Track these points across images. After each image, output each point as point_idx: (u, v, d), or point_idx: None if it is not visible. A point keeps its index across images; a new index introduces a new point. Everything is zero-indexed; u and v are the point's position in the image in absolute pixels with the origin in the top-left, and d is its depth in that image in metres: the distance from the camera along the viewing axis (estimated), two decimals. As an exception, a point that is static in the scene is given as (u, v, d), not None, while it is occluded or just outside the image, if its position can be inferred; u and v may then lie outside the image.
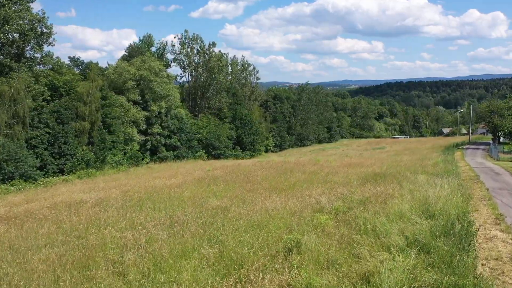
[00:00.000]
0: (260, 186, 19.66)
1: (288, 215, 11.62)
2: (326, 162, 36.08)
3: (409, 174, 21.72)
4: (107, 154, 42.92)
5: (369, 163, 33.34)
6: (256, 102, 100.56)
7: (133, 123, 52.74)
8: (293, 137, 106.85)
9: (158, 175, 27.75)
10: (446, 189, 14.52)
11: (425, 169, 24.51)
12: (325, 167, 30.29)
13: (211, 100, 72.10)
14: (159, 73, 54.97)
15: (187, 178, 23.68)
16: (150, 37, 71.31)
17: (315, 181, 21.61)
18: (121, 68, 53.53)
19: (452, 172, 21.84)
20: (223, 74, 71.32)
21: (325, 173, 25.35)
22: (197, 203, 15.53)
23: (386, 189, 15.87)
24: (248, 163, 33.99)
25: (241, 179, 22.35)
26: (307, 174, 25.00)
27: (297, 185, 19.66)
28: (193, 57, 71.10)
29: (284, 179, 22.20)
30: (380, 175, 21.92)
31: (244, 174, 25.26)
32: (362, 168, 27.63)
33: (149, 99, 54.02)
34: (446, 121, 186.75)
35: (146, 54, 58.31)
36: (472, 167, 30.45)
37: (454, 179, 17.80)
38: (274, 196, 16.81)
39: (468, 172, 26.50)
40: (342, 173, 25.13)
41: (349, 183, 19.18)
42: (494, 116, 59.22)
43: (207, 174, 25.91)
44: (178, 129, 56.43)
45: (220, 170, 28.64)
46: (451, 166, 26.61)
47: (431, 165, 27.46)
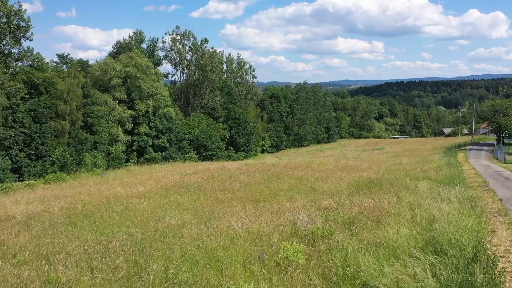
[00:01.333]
0: (237, 195, 17.01)
1: (251, 243, 8.92)
2: (320, 164, 33.39)
3: (409, 180, 19.02)
4: (85, 156, 40.19)
5: (365, 166, 30.67)
6: (252, 101, 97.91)
7: (119, 123, 50.07)
8: (291, 137, 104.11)
9: (129, 180, 25.09)
10: (454, 203, 11.82)
11: (426, 174, 21.81)
12: (317, 170, 27.61)
13: (203, 99, 69.37)
14: (146, 71, 52.26)
15: (158, 184, 21.01)
16: (140, 34, 68.51)
17: (302, 188, 18.93)
18: (106, 65, 50.84)
19: (458, 179, 19.13)
20: (216, 72, 68.49)
21: (315, 178, 22.67)
22: (153, 219, 12.86)
23: (380, 201, 13.18)
24: (234, 166, 31.31)
25: (218, 186, 19.69)
26: (294, 180, 22.32)
27: (279, 194, 16.98)
28: (185, 54, 68.37)
29: (266, 186, 19.52)
30: (376, 181, 19.22)
31: (225, 179, 22.59)
32: (357, 173, 24.93)
33: (135, 97, 51.35)
34: (447, 121, 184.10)
35: (134, 50, 55.61)
36: (479, 171, 27.75)
37: (462, 189, 15.10)
38: (249, 208, 14.16)
39: (474, 177, 23.78)
40: (334, 178, 22.44)
41: (339, 193, 16.49)
42: (499, 116, 56.48)
43: (183, 179, 23.23)
44: (166, 129, 53.72)
45: (200, 174, 25.95)
46: (455, 170, 23.90)
47: (433, 169, 24.75)
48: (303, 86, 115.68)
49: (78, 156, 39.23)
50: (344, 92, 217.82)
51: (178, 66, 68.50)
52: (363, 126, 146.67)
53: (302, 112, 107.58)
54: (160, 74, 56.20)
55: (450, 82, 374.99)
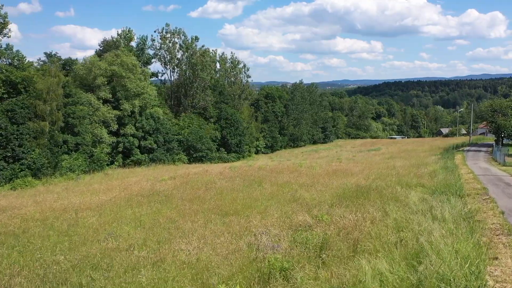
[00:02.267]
0: (205, 205, 15.14)
1: (190, 279, 7.04)
2: (309, 168, 31.57)
3: (400, 189, 17.18)
4: (62, 158, 38.18)
5: (356, 170, 28.85)
6: (246, 101, 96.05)
7: (103, 124, 48.10)
8: (286, 137, 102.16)
9: (99, 186, 23.18)
10: (448, 221, 9.98)
11: (420, 180, 19.97)
12: (304, 175, 25.78)
13: (195, 98, 67.38)
14: (132, 69, 50.29)
15: (123, 193, 19.12)
16: (129, 32, 66.49)
17: (281, 197, 17.09)
18: (91, 64, 48.87)
19: (454, 186, 17.30)
20: (207, 70, 66.50)
21: (299, 185, 20.83)
22: (97, 238, 10.98)
23: (364, 217, 11.35)
24: (217, 170, 29.44)
25: (189, 195, 17.83)
26: (276, 187, 20.47)
27: (254, 206, 15.14)
28: (175, 53, 66.36)
29: (242, 195, 17.67)
30: (364, 189, 17.39)
31: (200, 186, 20.72)
32: (346, 178, 23.10)
33: (121, 97, 49.37)
34: (445, 121, 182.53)
35: (120, 48, 53.62)
36: (477, 175, 25.93)
37: (458, 201, 13.27)
38: (213, 224, 12.31)
39: (473, 183, 21.95)
40: (320, 185, 20.61)
41: (320, 204, 14.65)
42: (498, 116, 54.71)
43: (155, 185, 21.35)
44: (154, 130, 51.75)
45: (178, 179, 24.04)
46: (452, 176, 22.06)
47: (428, 174, 22.92)
48: (299, 86, 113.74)
49: (54, 159, 37.24)
50: (342, 92, 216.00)
51: (168, 64, 66.51)
52: (360, 126, 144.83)
53: (297, 112, 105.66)
54: (148, 73, 54.18)
55: (448, 81, 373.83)
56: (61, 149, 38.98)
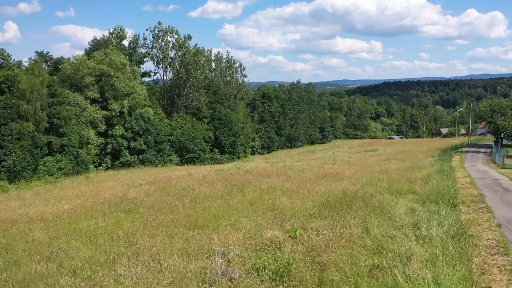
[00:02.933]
0: (174, 216, 13.81)
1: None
2: (299, 171, 30.21)
3: (388, 196, 15.84)
4: (42, 161, 36.81)
5: (348, 173, 27.49)
6: (242, 101, 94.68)
7: (91, 124, 46.77)
8: (283, 138, 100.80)
9: (70, 192, 21.81)
10: (435, 240, 8.63)
11: (412, 186, 18.60)
12: (291, 179, 24.42)
13: (188, 98, 66.02)
14: (122, 68, 48.93)
15: (91, 200, 17.78)
16: (121, 30, 65.11)
17: (260, 206, 15.76)
18: (78, 62, 47.53)
19: (448, 194, 15.95)
20: (200, 70, 65.12)
21: (283, 190, 19.48)
22: (35, 258, 9.64)
23: (341, 232, 10.01)
24: (201, 174, 28.11)
25: (160, 203, 16.49)
26: (258, 193, 19.11)
27: (226, 216, 13.81)
28: (168, 51, 64.99)
29: (218, 204, 16.33)
30: (350, 197, 16.03)
31: (177, 192, 19.38)
32: (335, 183, 21.74)
33: (109, 97, 48.02)
34: (445, 120, 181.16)
35: (109, 47, 52.26)
36: (474, 179, 24.58)
37: (450, 213, 11.93)
38: (172, 240, 10.98)
39: (469, 189, 20.59)
40: (306, 190, 19.26)
41: (298, 214, 13.32)
42: (497, 116, 53.31)
43: (128, 192, 20.00)
44: (144, 131, 50.38)
45: (157, 184, 22.69)
46: (447, 181, 20.71)
47: (421, 179, 21.55)
48: (296, 86, 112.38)
49: (34, 162, 35.88)
50: (341, 92, 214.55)
51: (160, 64, 65.13)
52: (359, 126, 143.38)
53: (294, 112, 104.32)
54: (138, 72, 52.79)
55: (448, 81, 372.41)
56: (42, 151, 37.61)
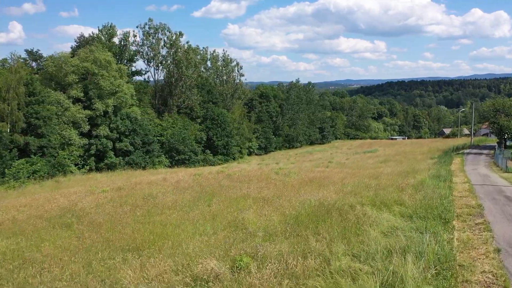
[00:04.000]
0: (108, 235, 11.64)
1: None
2: (285, 175, 28.00)
3: (370, 209, 13.61)
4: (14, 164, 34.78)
5: (337, 178, 25.26)
6: (239, 100, 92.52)
7: (73, 124, 44.75)
8: (281, 138, 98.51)
9: (22, 201, 19.69)
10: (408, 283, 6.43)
11: (401, 196, 16.34)
12: (273, 185, 22.21)
13: (180, 98, 63.94)
14: (106, 66, 46.87)
15: (28, 212, 15.67)
16: (112, 28, 63.07)
17: (221, 220, 13.60)
18: (61, 60, 45.53)
19: (440, 207, 13.71)
20: (192, 68, 62.99)
21: (255, 200, 17.30)
22: None
23: (291, 267, 7.81)
24: (176, 179, 25.98)
25: (108, 215, 14.36)
26: (227, 203, 16.94)
27: (174, 235, 11.64)
28: (159, 49, 62.90)
29: (175, 216, 14.19)
30: (326, 210, 13.83)
31: (136, 201, 17.22)
32: (318, 190, 19.51)
33: (93, 96, 45.97)
34: (448, 121, 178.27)
35: (94, 44, 50.22)
36: (473, 186, 22.29)
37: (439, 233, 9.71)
38: (84, 271, 8.81)
39: (467, 198, 18.31)
40: (281, 200, 17.07)
41: (258, 233, 11.14)
42: (500, 116, 50.86)
43: (82, 200, 17.87)
44: (130, 131, 48.29)
45: (121, 191, 20.55)
46: (442, 188, 18.45)
47: (414, 186, 19.28)
48: (295, 85, 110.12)
49: (2, 165, 33.83)
50: (343, 92, 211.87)
51: (151, 62, 63.03)
52: (359, 127, 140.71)
53: (293, 112, 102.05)
54: (124, 70, 50.68)
55: (451, 81, 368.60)
56: (11, 153, 35.58)
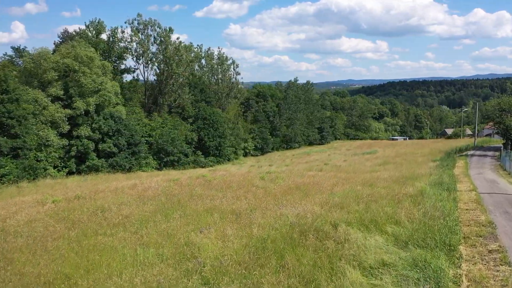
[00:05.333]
0: (11, 267, 8.98)
1: None
2: (271, 181, 25.35)
3: (356, 232, 10.93)
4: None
5: (327, 185, 22.61)
6: (235, 100, 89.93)
7: (53, 124, 42.16)
8: (278, 139, 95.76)
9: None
10: None
11: (397, 211, 13.63)
12: (251, 194, 19.55)
13: (170, 96, 61.31)
14: (88, 63, 44.26)
15: None
16: (100, 23, 60.45)
17: (173, 244, 10.95)
18: (39, 56, 42.95)
19: (443, 230, 11.02)
20: (183, 65, 60.33)
21: (223, 214, 14.63)
22: None
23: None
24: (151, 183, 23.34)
25: (28, 238, 11.70)
26: (189, 218, 14.27)
27: (106, 262, 8.96)
28: (149, 46, 60.24)
29: (113, 240, 11.52)
30: (300, 232, 11.16)
31: (77, 217, 14.56)
32: (301, 201, 16.86)
33: (74, 94, 43.38)
34: (450, 121, 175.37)
35: (76, 39, 47.61)
36: (481, 194, 19.58)
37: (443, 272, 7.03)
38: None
39: (474, 211, 15.60)
40: (257, 213, 14.41)
41: (213, 261, 8.44)
42: (506, 116, 48.10)
43: (17, 215, 15.25)
44: (114, 131, 45.67)
45: (80, 200, 17.91)
46: (445, 201, 15.76)
47: (412, 196, 16.58)
48: (293, 84, 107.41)
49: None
50: (344, 91, 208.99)
51: (140, 59, 60.37)
52: (360, 127, 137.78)
53: (290, 111, 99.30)
54: (108, 67, 47.97)
55: (454, 81, 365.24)
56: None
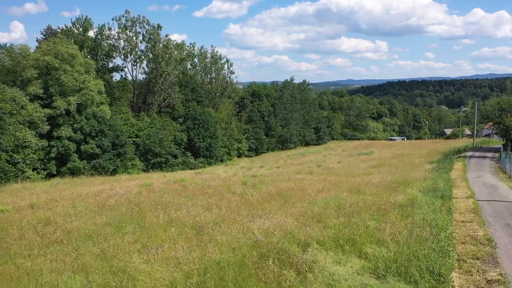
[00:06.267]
0: None
1: None
2: (254, 185, 23.45)
3: (327, 256, 9.02)
4: None
5: (311, 191, 20.72)
6: (229, 99, 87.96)
7: (31, 125, 40.23)
8: (273, 139, 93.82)
9: None
10: None
11: (380, 225, 11.74)
12: (225, 202, 17.66)
13: (160, 96, 59.37)
14: (70, 60, 42.31)
15: None
16: (86, 20, 58.45)
17: (105, 271, 9.03)
18: (19, 53, 41.01)
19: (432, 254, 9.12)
20: (172, 64, 58.38)
21: (181, 229, 12.74)
22: None
23: None
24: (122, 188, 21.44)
25: None
26: (143, 233, 12.38)
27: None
28: (137, 43, 58.25)
29: (38, 263, 9.61)
30: (260, 256, 9.26)
31: (18, 231, 12.67)
32: (277, 212, 14.99)
33: (54, 93, 41.44)
34: (449, 121, 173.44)
35: (58, 35, 45.64)
36: (479, 202, 17.70)
37: None
38: None
39: (471, 223, 13.71)
40: (223, 227, 12.53)
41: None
42: (506, 116, 46.22)
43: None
44: (97, 132, 43.73)
45: (26, 212, 16.01)
46: (438, 214, 13.87)
47: (401, 206, 14.69)
48: (289, 83, 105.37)
49: None
50: (342, 91, 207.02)
51: (128, 57, 58.38)
52: (357, 127, 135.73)
53: (286, 111, 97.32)
54: (92, 64, 45.97)
55: (453, 81, 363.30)
56: None
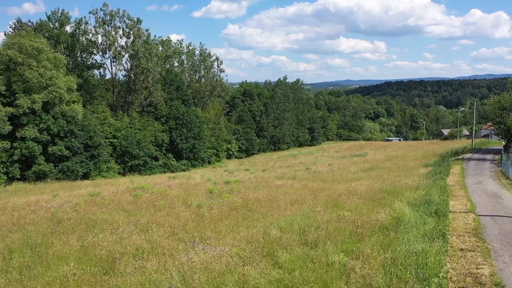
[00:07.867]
0: None
1: None
2: (218, 195, 20.22)
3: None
4: None
5: (282, 204, 17.54)
6: (220, 99, 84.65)
7: (-10, 124, 36.84)
8: (265, 140, 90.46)
9: None
10: None
11: (351, 262, 8.53)
12: (171, 219, 14.44)
13: (141, 94, 56.07)
14: (36, 55, 38.97)
15: None
16: (63, 14, 55.01)
17: None
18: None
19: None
20: (154, 60, 55.06)
21: (84, 266, 9.49)
22: None
23: None
24: (57, 201, 18.14)
25: None
26: (29, 270, 9.13)
27: None
28: (117, 38, 54.88)
29: None
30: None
31: None
32: (227, 234, 11.77)
33: (18, 90, 38.08)
34: (447, 121, 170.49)
35: (25, 28, 42.29)
36: (481, 220, 14.52)
37: None
38: None
39: (471, 254, 10.50)
40: (141, 262, 9.29)
41: None
42: (507, 115, 43.09)
43: None
44: (67, 132, 40.39)
45: None
46: (428, 244, 10.69)
47: (381, 229, 11.49)
48: (281, 82, 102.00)
49: None
50: (339, 91, 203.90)
51: (106, 53, 55.03)
52: (353, 127, 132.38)
53: (278, 111, 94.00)
54: (61, 60, 42.62)
55: (451, 81, 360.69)
56: None
